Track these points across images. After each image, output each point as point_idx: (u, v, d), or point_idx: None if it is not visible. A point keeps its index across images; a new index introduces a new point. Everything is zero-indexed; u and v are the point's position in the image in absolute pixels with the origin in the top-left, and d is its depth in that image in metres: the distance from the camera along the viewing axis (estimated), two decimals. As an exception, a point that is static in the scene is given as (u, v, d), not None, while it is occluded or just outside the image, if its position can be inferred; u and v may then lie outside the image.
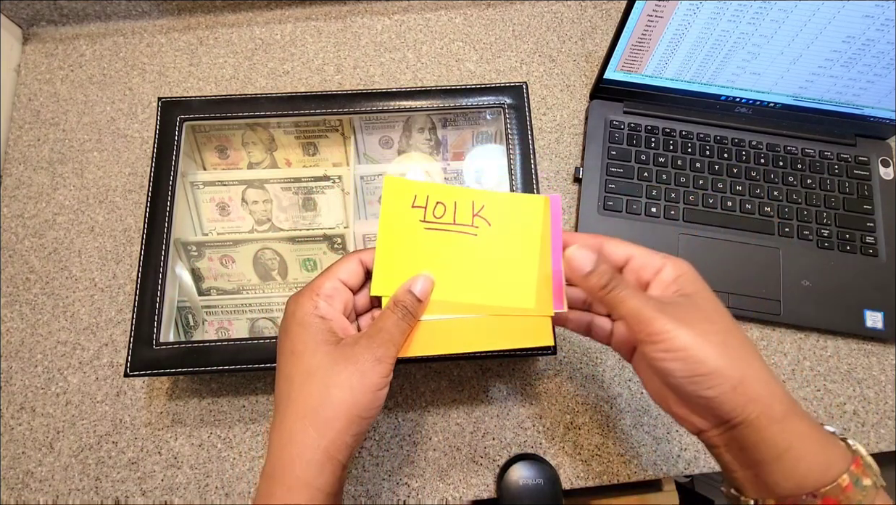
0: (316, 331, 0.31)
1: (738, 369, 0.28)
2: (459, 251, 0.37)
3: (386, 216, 0.36)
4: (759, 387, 0.28)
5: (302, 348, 0.31)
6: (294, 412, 0.30)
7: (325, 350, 0.31)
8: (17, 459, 0.50)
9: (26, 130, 0.62)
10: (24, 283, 0.56)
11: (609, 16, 0.67)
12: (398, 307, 0.33)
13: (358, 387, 0.30)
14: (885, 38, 0.50)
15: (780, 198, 0.57)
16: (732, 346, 0.29)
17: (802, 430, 0.28)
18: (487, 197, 0.37)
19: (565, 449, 0.50)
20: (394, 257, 0.36)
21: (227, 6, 0.67)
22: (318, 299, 0.33)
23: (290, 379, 0.31)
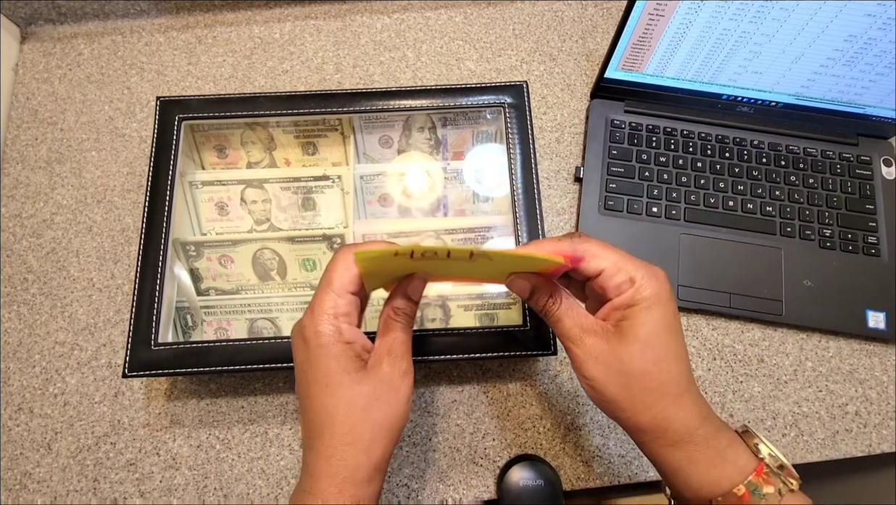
0: (346, 360, 0.32)
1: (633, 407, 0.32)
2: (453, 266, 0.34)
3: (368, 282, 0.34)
4: (648, 422, 0.32)
5: (337, 381, 0.32)
6: (340, 441, 0.31)
7: (359, 378, 0.32)
8: (14, 460, 0.50)
9: (24, 130, 0.61)
10: (22, 283, 0.55)
11: (610, 14, 0.67)
12: (399, 315, 0.35)
13: (395, 404, 0.32)
14: (886, 37, 0.49)
15: (781, 197, 0.57)
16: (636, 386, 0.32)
17: (693, 454, 0.31)
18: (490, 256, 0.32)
19: (566, 450, 0.50)
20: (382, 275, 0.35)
21: (225, 5, 0.67)
22: (339, 323, 0.32)
23: (332, 411, 0.31)
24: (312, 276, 0.55)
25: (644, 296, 0.32)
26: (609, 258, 0.33)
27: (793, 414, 0.52)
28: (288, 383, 0.52)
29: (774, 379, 0.53)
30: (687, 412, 0.31)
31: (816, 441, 0.51)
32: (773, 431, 0.51)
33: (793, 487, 0.30)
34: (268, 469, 0.49)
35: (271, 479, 0.49)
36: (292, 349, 0.34)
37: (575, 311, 0.34)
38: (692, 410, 0.31)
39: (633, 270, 0.32)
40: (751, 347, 0.54)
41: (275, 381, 0.52)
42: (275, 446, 0.50)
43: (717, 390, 0.52)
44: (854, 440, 0.51)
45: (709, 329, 0.54)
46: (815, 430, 0.51)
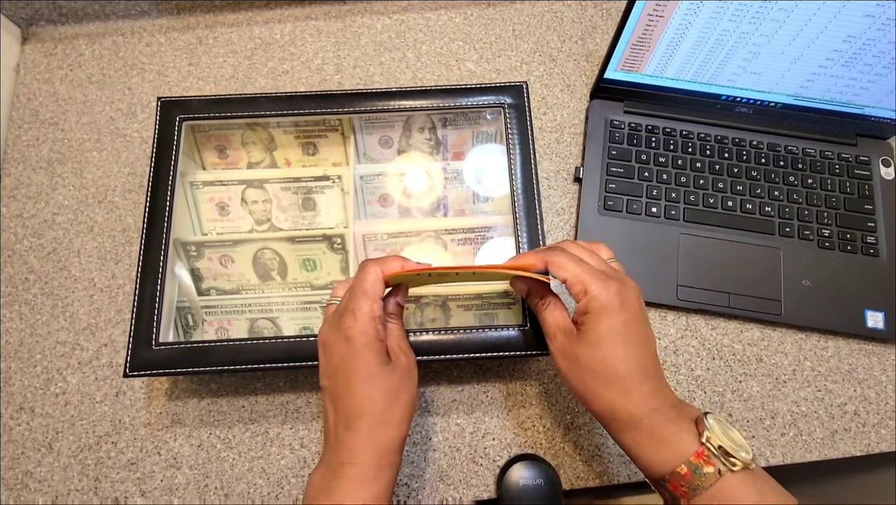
0: (382, 356, 0.38)
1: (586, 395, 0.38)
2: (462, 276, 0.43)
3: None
4: (600, 410, 0.37)
5: (377, 372, 0.37)
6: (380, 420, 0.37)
7: (389, 370, 0.38)
8: (16, 460, 0.50)
9: (25, 130, 0.62)
10: (24, 283, 0.55)
11: (609, 15, 0.67)
12: (395, 316, 0.42)
13: (412, 388, 0.39)
14: (885, 37, 0.49)
15: (780, 198, 0.57)
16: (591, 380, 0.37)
17: (638, 439, 0.36)
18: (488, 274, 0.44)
19: (565, 449, 0.50)
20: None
21: (226, 6, 0.67)
22: (377, 325, 0.38)
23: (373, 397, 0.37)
24: (313, 276, 0.55)
25: (594, 306, 0.37)
26: (570, 271, 0.38)
27: (792, 413, 0.52)
28: (288, 383, 0.52)
29: (773, 379, 0.53)
30: (634, 404, 0.36)
31: (815, 440, 0.51)
32: (771, 430, 0.51)
33: (734, 467, 0.33)
34: (268, 468, 0.49)
35: (272, 478, 0.49)
36: (328, 347, 0.38)
37: (557, 312, 0.40)
38: (640, 402, 0.36)
39: (588, 282, 0.37)
40: (750, 347, 0.54)
41: (275, 380, 0.52)
42: (275, 446, 0.50)
43: (716, 390, 0.52)
44: (853, 440, 0.51)
45: (708, 329, 0.54)
46: (814, 429, 0.51)
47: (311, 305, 0.54)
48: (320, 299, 0.54)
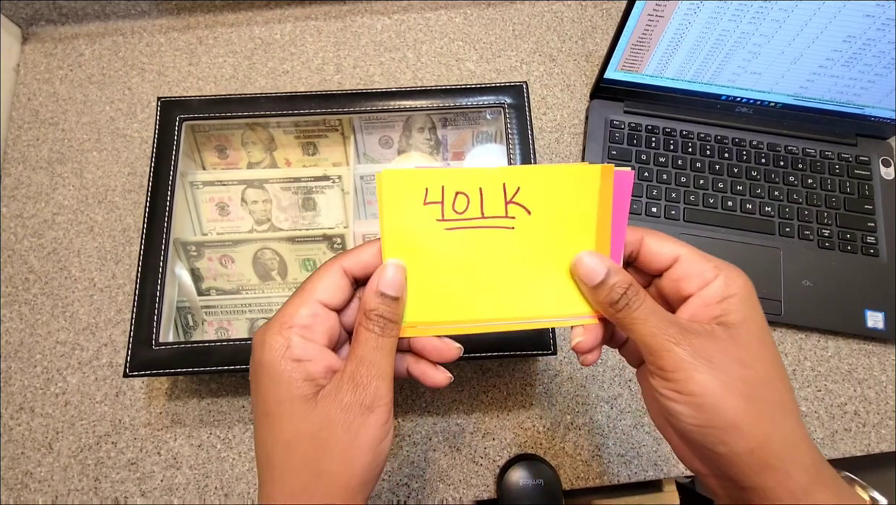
0: (289, 383, 0.25)
1: (763, 429, 0.23)
2: (494, 252, 0.29)
3: (390, 222, 0.28)
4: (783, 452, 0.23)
5: (275, 409, 0.25)
6: (281, 492, 0.25)
7: (303, 412, 0.24)
8: (16, 460, 0.50)
9: (25, 130, 0.62)
10: (24, 283, 0.55)
11: (609, 15, 0.67)
12: (371, 321, 0.26)
13: (353, 452, 0.24)
14: (885, 37, 0.49)
15: (780, 198, 0.57)
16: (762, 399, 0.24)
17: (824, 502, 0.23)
18: (524, 175, 0.28)
19: (565, 449, 0.50)
20: (411, 274, 0.28)
21: (226, 6, 0.67)
22: (291, 335, 0.25)
23: (269, 451, 0.25)
24: (313, 276, 0.55)
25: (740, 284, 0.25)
26: (684, 248, 0.27)
27: (792, 413, 0.52)
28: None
29: (773, 379, 0.53)
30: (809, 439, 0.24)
31: (815, 441, 0.51)
32: (772, 430, 0.51)
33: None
34: (268, 468, 0.49)
35: (272, 478, 0.49)
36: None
37: (661, 308, 0.26)
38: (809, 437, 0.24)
39: (712, 265, 0.26)
40: (750, 347, 0.54)
41: (275, 380, 0.52)
42: (275, 446, 0.50)
43: (717, 390, 0.52)
44: (853, 440, 0.51)
45: (708, 329, 0.54)
46: (814, 429, 0.51)
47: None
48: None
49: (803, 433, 0.24)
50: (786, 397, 0.25)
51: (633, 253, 0.29)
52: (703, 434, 0.24)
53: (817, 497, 0.23)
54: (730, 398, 0.23)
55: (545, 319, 0.29)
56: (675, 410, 0.25)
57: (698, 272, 0.26)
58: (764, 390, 0.24)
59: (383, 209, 0.28)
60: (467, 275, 0.29)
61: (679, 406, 0.24)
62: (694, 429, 0.24)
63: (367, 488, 0.25)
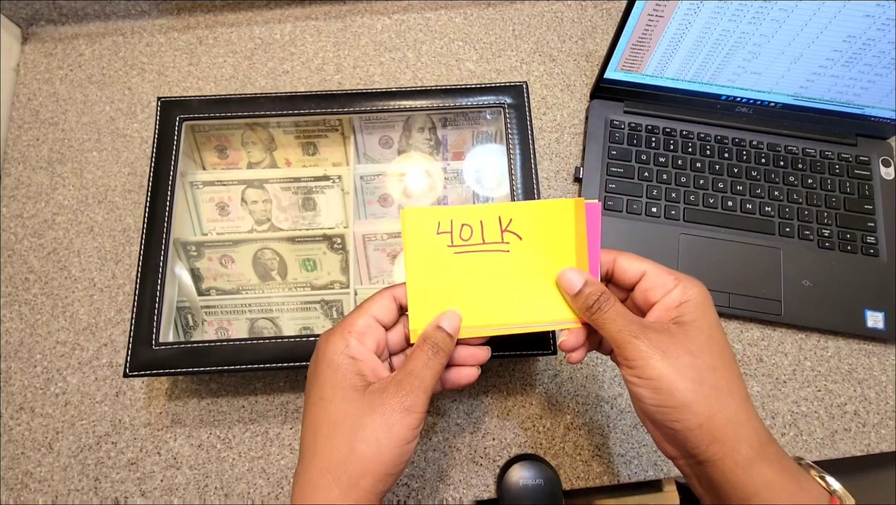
0: (345, 374, 0.30)
1: (708, 407, 0.28)
2: (494, 271, 0.35)
3: (411, 248, 0.35)
4: (728, 428, 0.28)
5: (330, 394, 0.30)
6: (318, 465, 0.29)
7: (353, 397, 0.30)
8: (16, 460, 0.50)
9: (25, 130, 0.62)
10: (24, 283, 0.55)
11: (609, 15, 0.67)
12: (427, 345, 0.32)
13: (385, 441, 0.29)
14: (885, 37, 0.49)
15: (780, 198, 0.57)
16: (709, 382, 0.29)
17: (770, 477, 0.28)
18: (514, 210, 0.36)
19: (565, 449, 0.50)
20: (427, 290, 0.35)
21: (226, 6, 0.67)
22: (350, 338, 0.32)
23: (316, 427, 0.30)
24: (313, 276, 0.55)
25: (695, 292, 0.31)
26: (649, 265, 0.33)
27: (792, 413, 0.52)
28: (288, 383, 0.52)
29: (773, 379, 0.53)
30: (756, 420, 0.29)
31: (815, 440, 0.51)
32: (772, 430, 0.51)
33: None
34: (268, 468, 0.49)
35: (272, 478, 0.49)
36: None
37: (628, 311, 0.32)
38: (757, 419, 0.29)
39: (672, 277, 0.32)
40: (750, 347, 0.54)
41: (275, 380, 0.52)
42: (275, 446, 0.50)
43: (717, 390, 0.52)
44: (853, 440, 0.51)
45: (708, 329, 0.54)
46: (815, 429, 0.51)
47: (311, 305, 0.54)
48: (320, 299, 0.54)
49: (750, 414, 0.29)
50: (733, 383, 0.29)
51: (609, 271, 0.35)
52: (661, 413, 0.29)
53: (760, 469, 0.28)
54: (680, 381, 0.29)
55: (538, 325, 0.35)
56: (638, 394, 0.30)
57: (661, 283, 0.32)
58: (711, 376, 0.29)
59: (406, 238, 0.35)
60: (473, 289, 0.35)
61: (641, 389, 0.30)
62: (654, 409, 0.30)
63: (388, 480, 0.29)
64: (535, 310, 0.35)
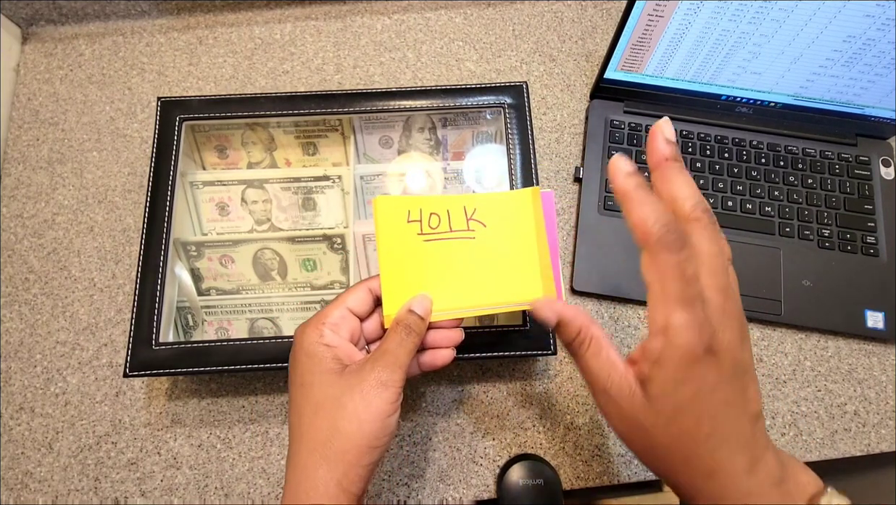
0: (321, 359, 0.32)
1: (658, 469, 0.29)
2: (461, 257, 0.37)
3: (383, 236, 0.36)
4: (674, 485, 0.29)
5: (310, 379, 0.32)
6: (305, 447, 0.31)
7: (331, 380, 0.31)
8: (16, 460, 0.50)
9: (25, 130, 0.62)
10: (24, 283, 0.55)
11: (609, 15, 0.67)
12: (400, 326, 0.34)
13: (365, 416, 0.30)
14: (885, 37, 0.49)
15: (780, 198, 0.57)
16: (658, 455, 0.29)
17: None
18: (477, 200, 0.38)
19: (565, 449, 0.50)
20: (399, 276, 0.36)
21: (226, 6, 0.67)
22: (324, 328, 0.33)
23: (300, 412, 0.32)
24: (313, 276, 0.55)
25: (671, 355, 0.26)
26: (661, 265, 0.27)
27: (791, 414, 0.52)
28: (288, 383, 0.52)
29: (773, 379, 0.53)
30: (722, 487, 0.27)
31: (815, 441, 0.51)
32: (772, 430, 0.51)
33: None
34: (269, 468, 0.49)
35: (272, 478, 0.49)
36: None
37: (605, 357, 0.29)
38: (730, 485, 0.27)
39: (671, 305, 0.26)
40: (750, 347, 0.54)
41: (275, 380, 0.52)
42: (275, 446, 0.50)
43: (717, 390, 0.52)
44: (853, 440, 0.51)
45: (708, 329, 0.54)
46: (814, 429, 0.51)
47: (311, 305, 0.54)
48: (320, 299, 0.54)
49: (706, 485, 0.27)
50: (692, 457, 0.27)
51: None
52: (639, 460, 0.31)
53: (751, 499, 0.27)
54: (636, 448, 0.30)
55: (503, 305, 0.37)
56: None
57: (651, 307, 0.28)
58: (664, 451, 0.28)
59: (378, 226, 0.36)
60: (442, 275, 0.37)
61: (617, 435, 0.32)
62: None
63: (373, 453, 0.31)
64: (501, 292, 0.37)
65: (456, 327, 0.37)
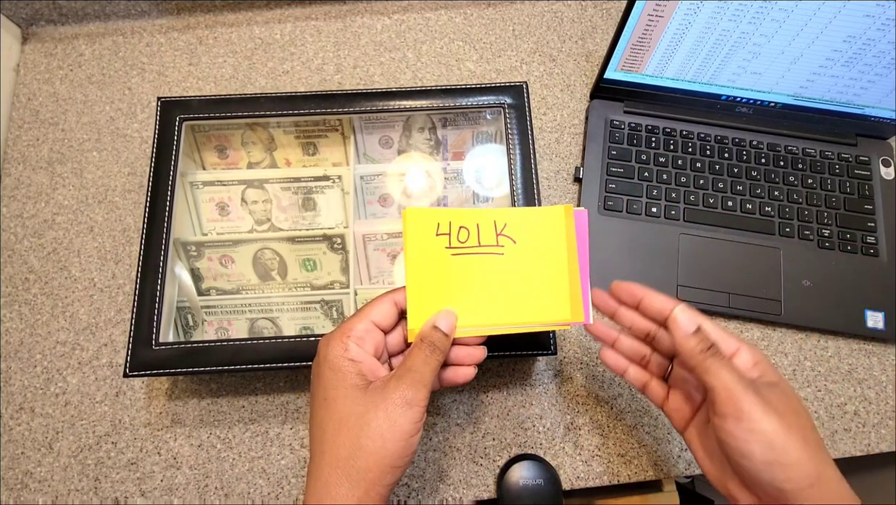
0: (346, 375, 0.32)
1: (817, 467, 0.28)
2: (489, 273, 0.36)
3: (411, 248, 0.36)
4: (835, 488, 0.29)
5: (333, 395, 0.31)
6: (328, 463, 0.30)
7: (355, 396, 0.31)
8: (16, 460, 0.50)
9: (25, 130, 0.62)
10: (24, 283, 0.55)
11: (609, 15, 0.67)
12: (425, 344, 0.33)
13: (389, 435, 0.30)
14: (885, 37, 0.49)
15: (780, 198, 0.57)
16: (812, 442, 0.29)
17: None
18: (508, 215, 0.37)
19: (565, 449, 0.50)
20: (425, 290, 0.36)
21: (226, 6, 0.67)
22: (349, 342, 0.33)
23: (323, 427, 0.31)
24: (313, 276, 0.55)
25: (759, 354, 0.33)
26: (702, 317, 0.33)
27: (792, 413, 0.52)
28: (288, 383, 0.52)
29: (773, 379, 0.53)
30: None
31: (815, 441, 0.51)
32: (772, 430, 0.51)
33: None
34: (269, 468, 0.49)
35: (272, 478, 0.49)
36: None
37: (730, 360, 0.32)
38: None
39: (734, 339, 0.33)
40: (750, 347, 0.54)
41: (275, 380, 0.52)
42: (276, 446, 0.50)
43: (717, 390, 0.52)
44: (853, 440, 0.51)
45: (708, 329, 0.54)
46: (814, 429, 0.51)
47: (311, 305, 0.54)
48: (320, 299, 0.54)
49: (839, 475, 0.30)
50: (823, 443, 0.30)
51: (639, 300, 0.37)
52: (770, 471, 0.29)
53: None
54: (793, 439, 0.28)
55: (530, 325, 0.37)
56: (747, 450, 0.29)
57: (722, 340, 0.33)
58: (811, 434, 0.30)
59: (407, 238, 0.36)
60: (469, 290, 0.36)
61: (752, 446, 0.29)
62: (762, 466, 0.29)
63: (395, 472, 0.31)
64: (528, 310, 0.37)
65: (480, 344, 0.37)
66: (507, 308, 0.36)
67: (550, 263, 0.37)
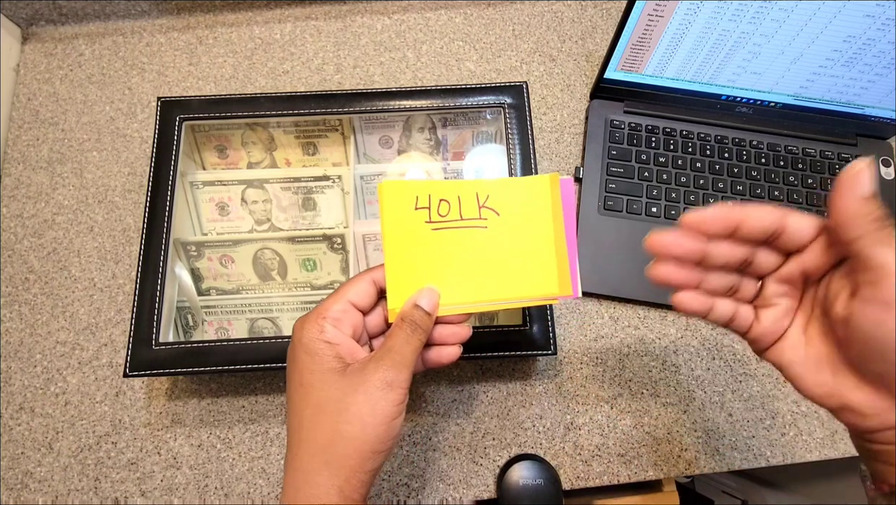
0: (322, 358, 0.30)
1: None
2: (472, 247, 0.34)
3: (389, 224, 0.34)
4: None
5: (310, 379, 0.30)
6: (306, 450, 0.29)
7: (333, 380, 0.30)
8: (16, 460, 0.50)
9: (25, 130, 0.62)
10: (24, 283, 0.55)
11: (609, 15, 0.67)
12: (406, 323, 0.32)
13: (369, 420, 0.29)
14: (885, 37, 0.49)
15: (780, 198, 0.57)
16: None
17: None
18: (491, 186, 0.35)
19: (565, 449, 0.50)
20: (405, 267, 0.34)
21: (226, 6, 0.67)
22: (325, 323, 0.31)
23: (300, 414, 0.30)
24: (313, 276, 0.55)
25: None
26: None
27: (792, 413, 0.52)
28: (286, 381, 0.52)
29: (773, 378, 0.53)
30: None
31: (815, 440, 0.51)
32: (772, 430, 0.51)
33: None
34: (269, 468, 0.49)
35: (272, 478, 0.49)
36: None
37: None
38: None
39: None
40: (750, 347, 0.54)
41: (275, 380, 0.52)
42: (275, 446, 0.50)
43: (717, 390, 0.52)
44: (853, 440, 0.51)
45: (708, 328, 0.54)
46: (814, 429, 0.51)
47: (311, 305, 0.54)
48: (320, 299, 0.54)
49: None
50: None
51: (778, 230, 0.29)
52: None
53: None
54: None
55: (517, 300, 0.35)
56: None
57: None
58: None
59: (384, 213, 0.34)
60: (452, 266, 0.34)
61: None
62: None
63: (377, 458, 0.30)
64: (514, 285, 0.35)
65: (464, 322, 0.35)
66: (491, 284, 0.34)
67: (536, 236, 0.35)
